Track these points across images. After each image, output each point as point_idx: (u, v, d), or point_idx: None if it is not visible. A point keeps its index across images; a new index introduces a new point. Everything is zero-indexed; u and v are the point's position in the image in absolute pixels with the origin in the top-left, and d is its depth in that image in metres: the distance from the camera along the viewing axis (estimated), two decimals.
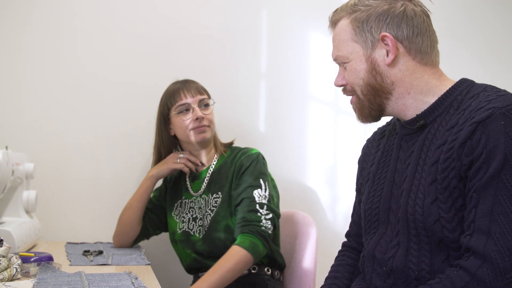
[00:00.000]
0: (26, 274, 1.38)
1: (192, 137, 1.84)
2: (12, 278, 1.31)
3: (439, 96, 1.19)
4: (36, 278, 1.33)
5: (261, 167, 1.78)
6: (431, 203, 1.12)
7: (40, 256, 1.51)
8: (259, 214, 1.67)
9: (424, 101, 1.21)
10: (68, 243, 1.99)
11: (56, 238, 2.08)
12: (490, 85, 1.18)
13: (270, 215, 1.69)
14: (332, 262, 1.46)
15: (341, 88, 1.30)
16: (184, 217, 1.87)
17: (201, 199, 1.85)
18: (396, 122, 1.30)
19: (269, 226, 1.67)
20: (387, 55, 1.20)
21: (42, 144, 2.12)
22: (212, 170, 1.86)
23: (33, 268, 1.40)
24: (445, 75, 1.24)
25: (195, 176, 1.90)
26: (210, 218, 1.79)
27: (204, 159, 1.90)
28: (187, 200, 1.89)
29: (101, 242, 2.04)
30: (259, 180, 1.74)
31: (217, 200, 1.80)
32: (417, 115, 1.21)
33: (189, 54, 2.28)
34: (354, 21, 1.22)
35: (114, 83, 2.21)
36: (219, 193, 1.81)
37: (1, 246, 1.37)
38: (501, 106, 1.06)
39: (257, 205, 1.69)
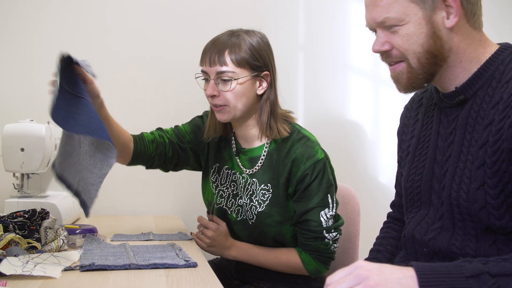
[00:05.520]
0: (72, 246, 1.40)
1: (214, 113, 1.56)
2: (59, 249, 1.33)
3: (480, 65, 1.09)
4: (82, 249, 1.35)
5: (328, 178, 1.54)
6: (477, 188, 1.04)
7: (85, 228, 1.53)
8: (326, 240, 1.55)
9: (468, 70, 1.10)
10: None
11: (96, 212, 2.10)
12: None
13: (337, 236, 1.58)
14: (375, 234, 1.43)
15: (381, 54, 1.14)
16: (223, 191, 1.63)
17: (249, 178, 1.58)
18: (434, 93, 1.20)
19: (336, 246, 1.58)
20: (447, 18, 1.07)
21: None
22: (267, 150, 1.56)
23: (78, 240, 1.42)
24: (488, 39, 1.12)
25: (245, 151, 1.60)
26: (256, 212, 1.57)
27: (244, 138, 1.60)
28: (229, 171, 1.63)
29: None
30: (327, 198, 1.53)
31: (264, 193, 1.56)
32: (456, 88, 1.11)
33: (224, 25, 2.25)
34: None
35: (148, 56, 2.20)
36: (269, 185, 1.55)
37: (48, 219, 1.39)
38: None
39: (324, 231, 1.54)
